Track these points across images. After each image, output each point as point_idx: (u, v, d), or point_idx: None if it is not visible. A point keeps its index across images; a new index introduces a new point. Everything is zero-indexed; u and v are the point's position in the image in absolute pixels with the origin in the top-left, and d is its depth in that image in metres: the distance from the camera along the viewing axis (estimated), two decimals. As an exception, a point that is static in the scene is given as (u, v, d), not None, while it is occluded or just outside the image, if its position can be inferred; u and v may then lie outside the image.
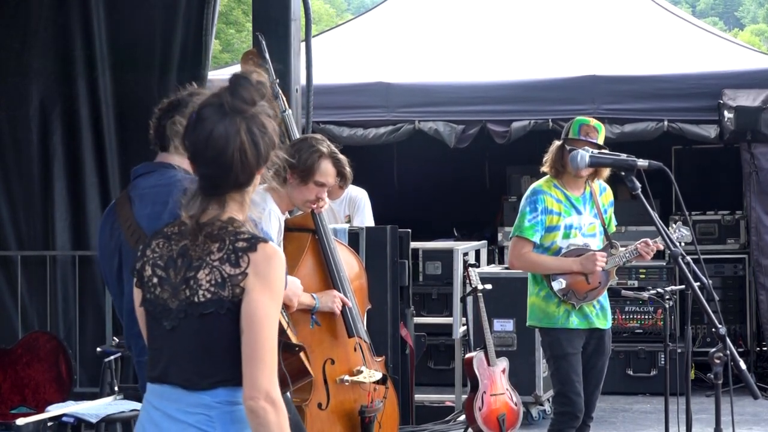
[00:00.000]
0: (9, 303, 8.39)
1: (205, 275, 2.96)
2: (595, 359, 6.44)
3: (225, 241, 2.96)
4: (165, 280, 3.02)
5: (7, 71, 8.34)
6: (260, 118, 2.99)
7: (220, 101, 2.98)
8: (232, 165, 2.96)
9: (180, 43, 8.12)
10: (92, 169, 8.42)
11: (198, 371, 2.97)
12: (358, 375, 5.56)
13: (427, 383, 9.86)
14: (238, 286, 2.93)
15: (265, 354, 2.90)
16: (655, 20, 11.86)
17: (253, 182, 3.04)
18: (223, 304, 2.94)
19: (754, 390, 4.16)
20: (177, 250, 3.01)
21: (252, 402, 2.88)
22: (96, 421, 6.54)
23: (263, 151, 2.99)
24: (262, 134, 2.99)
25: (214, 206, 3.00)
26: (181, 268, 3.00)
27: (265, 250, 2.95)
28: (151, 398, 3.06)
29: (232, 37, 31.53)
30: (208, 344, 2.96)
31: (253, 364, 2.89)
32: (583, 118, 6.50)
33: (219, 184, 2.99)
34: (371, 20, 12.70)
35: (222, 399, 2.96)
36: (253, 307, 2.91)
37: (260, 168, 3.01)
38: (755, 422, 8.79)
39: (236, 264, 2.94)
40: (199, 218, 2.99)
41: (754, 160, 9.86)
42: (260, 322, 2.91)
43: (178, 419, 2.97)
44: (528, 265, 6.44)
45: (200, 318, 2.96)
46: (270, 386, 2.89)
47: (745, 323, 10.44)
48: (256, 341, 2.90)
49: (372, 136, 10.59)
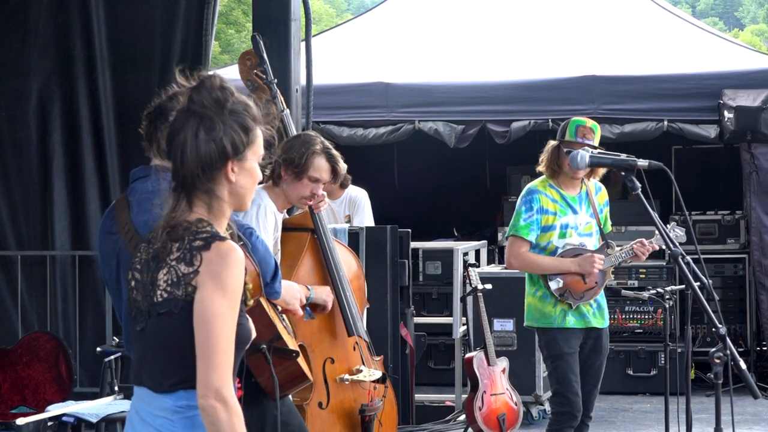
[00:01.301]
0: (9, 303, 8.40)
1: (163, 275, 2.97)
2: (592, 358, 6.44)
3: (184, 240, 2.96)
4: (139, 283, 3.05)
5: (7, 71, 8.35)
6: (214, 121, 2.99)
7: (183, 102, 3.03)
8: (176, 160, 2.99)
9: (180, 43, 8.13)
10: (92, 169, 8.43)
11: (161, 372, 2.98)
12: (358, 374, 5.56)
13: (427, 383, 9.86)
14: (189, 284, 2.93)
15: (216, 352, 2.88)
16: (655, 20, 11.86)
17: (214, 185, 3.00)
18: (177, 303, 2.94)
19: (754, 390, 4.16)
20: (152, 253, 3.03)
21: (203, 400, 2.88)
22: (96, 421, 6.54)
23: (205, 154, 2.97)
24: (208, 137, 2.97)
25: (182, 205, 3.01)
26: (151, 270, 3.01)
27: (219, 247, 2.94)
28: (134, 399, 3.09)
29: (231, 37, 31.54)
30: (167, 344, 2.97)
31: (204, 363, 2.88)
32: (580, 119, 6.48)
33: (174, 178, 3.02)
34: (371, 20, 12.70)
35: (183, 403, 2.96)
36: (203, 304, 2.91)
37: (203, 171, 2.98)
38: (755, 422, 8.79)
39: (190, 263, 2.94)
40: (170, 218, 3.00)
41: (754, 160, 9.86)
42: (211, 320, 2.89)
43: (146, 422, 3.00)
44: (525, 265, 6.45)
45: (158, 318, 2.98)
46: (221, 384, 2.88)
47: (745, 323, 10.44)
48: (208, 339, 2.88)
49: (372, 136, 10.58)
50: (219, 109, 3.00)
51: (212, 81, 3.02)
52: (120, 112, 8.32)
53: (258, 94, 5.71)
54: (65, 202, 8.44)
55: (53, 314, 8.38)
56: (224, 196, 3.03)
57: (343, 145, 10.51)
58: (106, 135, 8.39)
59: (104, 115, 8.38)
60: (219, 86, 3.01)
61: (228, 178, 3.01)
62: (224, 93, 3.01)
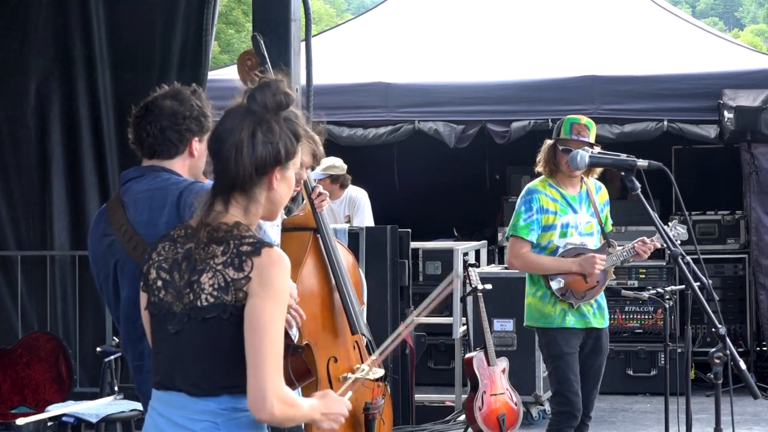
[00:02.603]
0: (9, 303, 8.39)
1: (208, 279, 2.93)
2: (592, 358, 6.44)
3: (230, 244, 2.93)
4: (169, 284, 3.00)
5: (7, 71, 8.35)
6: (272, 125, 2.97)
7: (242, 101, 3.00)
8: (228, 160, 2.95)
9: (180, 43, 8.12)
10: (91, 169, 8.42)
11: (203, 377, 2.94)
12: (360, 372, 5.56)
13: (427, 383, 9.86)
14: (241, 290, 2.90)
15: (271, 358, 2.86)
16: (654, 20, 11.86)
17: (257, 189, 2.99)
18: (226, 309, 2.91)
19: (754, 390, 4.16)
20: (182, 253, 2.99)
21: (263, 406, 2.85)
22: (96, 421, 6.55)
23: (261, 156, 2.96)
24: (266, 139, 2.96)
25: (218, 206, 2.98)
26: (185, 271, 2.97)
27: (269, 254, 2.92)
28: (157, 405, 3.03)
29: (231, 38, 31.53)
30: (212, 349, 2.93)
31: (260, 369, 2.85)
32: (574, 117, 6.49)
33: (219, 179, 2.99)
34: (371, 20, 12.70)
35: (227, 406, 2.93)
36: (257, 312, 2.88)
37: (256, 173, 2.97)
38: (755, 422, 8.79)
39: (240, 268, 2.91)
40: (205, 219, 2.97)
41: (754, 160, 9.86)
42: (264, 327, 2.87)
43: (183, 426, 2.95)
44: (526, 265, 6.44)
45: (203, 322, 2.93)
46: (277, 388, 2.87)
47: (745, 323, 10.44)
48: (262, 346, 2.86)
49: (372, 136, 10.58)
50: (277, 113, 2.99)
51: (278, 84, 3.00)
52: (120, 112, 8.31)
53: None
54: (65, 202, 8.44)
55: (53, 314, 8.38)
56: (263, 200, 3.01)
57: (343, 145, 10.53)
58: (105, 135, 8.39)
59: (104, 115, 8.37)
60: (283, 91, 2.99)
61: (271, 184, 3.00)
62: (287, 98, 3.00)
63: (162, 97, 4.05)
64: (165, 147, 4.00)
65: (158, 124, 4.00)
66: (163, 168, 3.98)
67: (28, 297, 8.42)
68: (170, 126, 3.99)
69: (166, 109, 4.02)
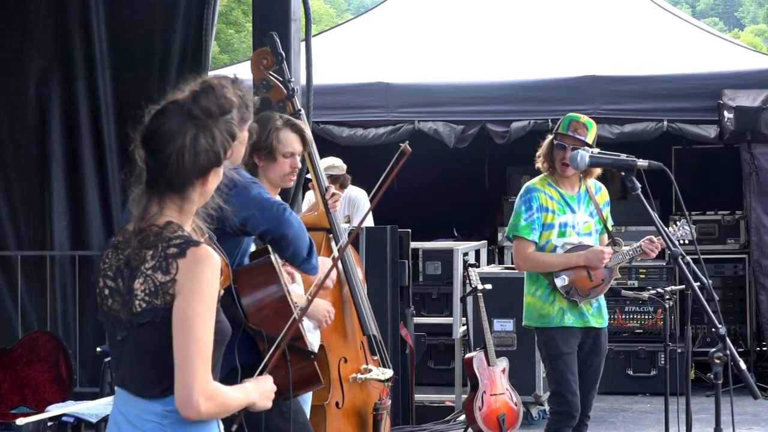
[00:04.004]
0: (9, 303, 8.39)
1: (140, 284, 2.96)
2: (591, 358, 6.43)
3: (158, 248, 2.95)
4: (115, 291, 3.03)
5: (7, 71, 8.35)
6: (214, 131, 2.97)
7: (183, 102, 2.98)
8: (168, 163, 2.95)
9: (180, 43, 8.12)
10: (91, 169, 8.42)
11: (148, 380, 2.98)
12: (368, 373, 5.56)
13: (427, 383, 9.86)
14: (167, 293, 2.93)
15: (197, 356, 2.88)
16: (654, 20, 11.86)
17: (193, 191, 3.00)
18: (157, 313, 2.94)
19: (754, 390, 4.16)
20: (123, 259, 3.02)
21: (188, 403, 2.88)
22: (96, 421, 6.55)
23: (202, 162, 2.96)
24: (208, 146, 2.96)
25: (153, 206, 2.99)
26: (126, 278, 3.00)
27: (195, 254, 2.93)
28: (118, 401, 3.09)
29: (231, 38, 31.52)
30: (152, 353, 2.96)
31: (185, 368, 2.88)
32: (575, 114, 6.49)
33: (155, 178, 2.98)
34: (371, 20, 12.70)
35: (173, 407, 2.96)
36: (182, 311, 2.91)
37: (196, 178, 2.97)
38: (755, 422, 8.79)
39: (167, 271, 2.93)
40: (140, 224, 2.98)
41: (754, 160, 9.86)
42: (189, 325, 2.89)
43: (135, 425, 3.00)
44: (534, 265, 6.40)
45: (140, 328, 2.97)
46: (204, 387, 2.89)
47: (745, 323, 10.45)
48: (187, 343, 2.89)
49: (372, 136, 10.58)
50: (218, 119, 2.98)
51: (222, 90, 2.99)
52: (120, 112, 8.32)
53: (272, 94, 5.63)
54: (65, 202, 8.44)
55: (53, 314, 8.38)
56: (196, 199, 3.03)
57: (343, 145, 10.53)
58: (105, 135, 8.39)
59: (104, 115, 8.37)
60: (226, 96, 2.99)
61: (206, 182, 3.01)
62: (229, 104, 2.99)
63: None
64: None
65: None
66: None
67: (28, 297, 8.42)
68: None
69: None
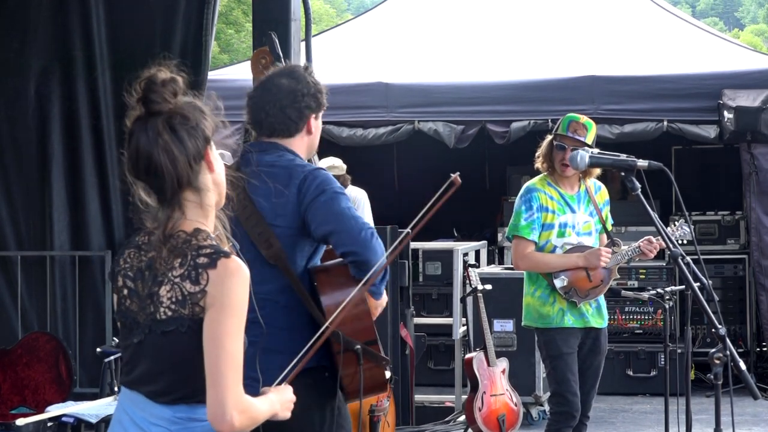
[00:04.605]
0: (9, 303, 8.39)
1: (166, 292, 2.92)
2: (591, 358, 6.43)
3: (187, 256, 2.91)
4: (134, 293, 2.99)
5: (7, 71, 8.34)
6: (180, 111, 2.92)
7: (138, 114, 2.94)
8: (163, 167, 2.89)
9: (180, 43, 8.12)
10: (91, 169, 8.42)
11: (163, 386, 2.95)
12: None
13: (427, 383, 9.86)
14: (197, 304, 2.89)
15: (229, 371, 2.86)
16: (654, 20, 11.86)
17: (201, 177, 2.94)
18: (183, 322, 2.91)
19: (754, 390, 4.16)
20: (146, 262, 2.98)
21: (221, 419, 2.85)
22: (96, 421, 6.54)
23: (192, 146, 2.92)
24: (183, 126, 2.91)
25: (176, 212, 2.94)
26: (147, 281, 2.96)
27: (226, 265, 2.89)
28: (123, 400, 3.05)
29: (231, 37, 31.53)
30: (172, 361, 2.94)
31: (218, 383, 2.85)
32: (574, 115, 6.49)
33: (164, 189, 2.93)
34: (371, 20, 12.70)
35: (183, 415, 2.94)
36: (214, 325, 2.87)
37: (195, 162, 2.93)
38: (755, 422, 8.79)
39: (196, 281, 2.89)
40: (165, 228, 2.94)
41: (754, 161, 9.86)
42: (221, 341, 2.86)
43: (141, 428, 2.97)
44: (533, 265, 6.41)
45: (162, 335, 2.94)
46: (236, 402, 2.87)
47: (745, 323, 10.44)
48: (219, 359, 2.85)
49: (372, 136, 10.58)
50: (179, 103, 2.94)
51: (158, 75, 2.94)
52: (120, 112, 8.30)
53: None
54: (65, 202, 8.43)
55: (53, 314, 8.37)
56: (210, 186, 2.98)
57: (343, 145, 10.53)
58: (105, 135, 8.38)
59: (104, 115, 8.37)
60: (167, 77, 2.93)
61: (210, 164, 2.97)
62: (175, 82, 2.94)
63: (277, 76, 4.10)
64: (285, 125, 4.08)
65: (278, 103, 4.06)
66: (285, 147, 4.06)
67: (28, 297, 8.42)
68: (290, 104, 4.07)
69: (284, 87, 4.08)
